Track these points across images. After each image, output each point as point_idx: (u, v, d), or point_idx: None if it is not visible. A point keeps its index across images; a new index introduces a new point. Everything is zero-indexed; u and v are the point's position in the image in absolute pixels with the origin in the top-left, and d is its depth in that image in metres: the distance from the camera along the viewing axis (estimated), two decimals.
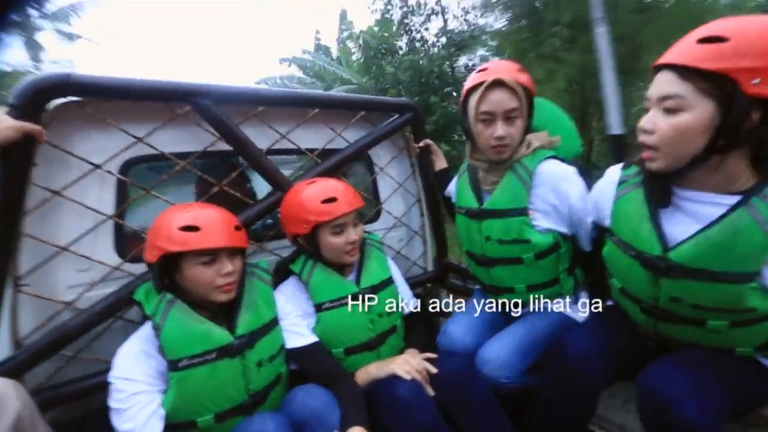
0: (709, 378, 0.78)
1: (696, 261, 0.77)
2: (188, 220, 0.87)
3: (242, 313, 0.95)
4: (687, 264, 0.78)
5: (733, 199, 0.75)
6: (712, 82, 0.69)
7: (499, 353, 1.09)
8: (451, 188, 1.45)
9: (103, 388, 1.02)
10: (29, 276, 0.98)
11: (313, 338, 1.06)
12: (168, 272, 0.91)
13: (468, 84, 1.14)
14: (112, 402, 0.83)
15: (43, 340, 0.95)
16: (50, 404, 0.97)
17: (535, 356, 1.09)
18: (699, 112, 0.71)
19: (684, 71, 0.72)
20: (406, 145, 1.76)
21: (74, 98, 1.01)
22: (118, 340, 0.91)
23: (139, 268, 1.09)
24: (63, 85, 0.92)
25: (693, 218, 0.79)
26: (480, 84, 1.09)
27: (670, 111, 0.74)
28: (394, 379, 1.01)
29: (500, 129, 1.09)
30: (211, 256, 0.89)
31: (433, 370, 0.99)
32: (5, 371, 0.90)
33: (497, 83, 1.07)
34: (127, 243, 1.16)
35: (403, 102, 1.65)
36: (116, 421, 0.82)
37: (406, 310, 1.29)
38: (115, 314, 1.04)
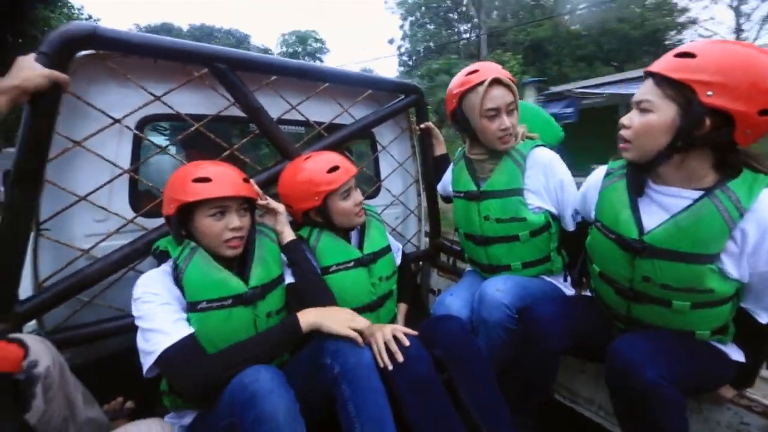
0: (669, 350, 0.90)
1: (666, 242, 0.89)
2: (201, 173, 0.94)
3: (254, 266, 1.01)
4: (658, 245, 0.90)
5: (700, 194, 0.87)
6: (677, 90, 0.83)
7: (501, 286, 1.19)
8: (446, 179, 1.54)
9: (115, 333, 1.09)
10: (49, 222, 1.01)
11: None
12: (183, 224, 0.97)
13: (463, 86, 1.23)
14: (137, 311, 0.87)
15: (63, 283, 1.00)
16: (66, 345, 1.02)
17: (525, 302, 1.17)
18: (664, 114, 0.85)
19: (658, 79, 0.86)
20: (408, 126, 1.82)
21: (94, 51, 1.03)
22: (130, 290, 0.94)
23: (152, 223, 1.14)
24: (90, 37, 0.93)
25: (665, 209, 0.92)
26: (479, 84, 1.20)
27: (643, 111, 0.88)
28: None
29: (506, 121, 1.21)
30: (220, 208, 0.95)
31: (406, 342, 0.97)
32: (26, 310, 0.95)
33: (496, 81, 1.19)
34: (141, 198, 1.20)
35: (410, 84, 1.70)
36: (143, 323, 0.86)
37: (398, 262, 1.38)
38: (129, 264, 1.09)
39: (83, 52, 1.00)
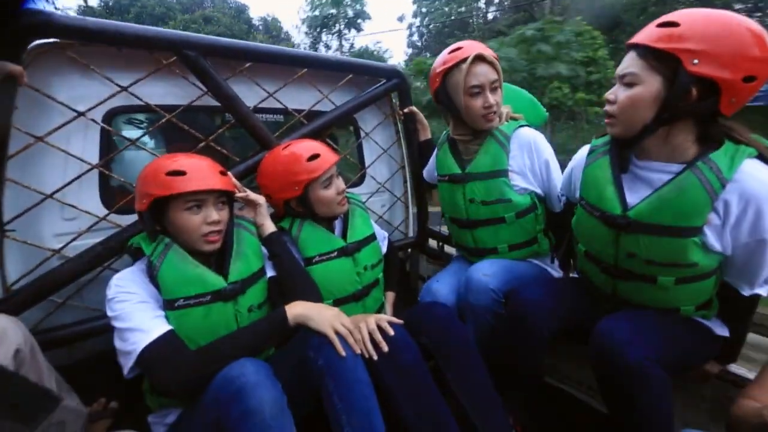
0: (653, 329, 0.90)
1: (650, 216, 0.89)
2: (175, 166, 0.89)
3: (233, 261, 0.98)
4: (642, 219, 0.90)
5: (682, 167, 0.86)
6: (661, 60, 0.81)
7: (488, 271, 1.18)
8: (431, 165, 1.52)
9: (92, 334, 1.06)
10: (14, 222, 0.97)
11: None
12: (158, 219, 0.93)
13: (446, 64, 1.21)
14: (112, 312, 0.84)
15: (32, 285, 0.96)
16: (41, 348, 0.99)
17: (512, 286, 1.17)
18: (649, 86, 0.83)
19: (641, 50, 0.84)
20: (391, 111, 1.78)
21: (54, 40, 0.98)
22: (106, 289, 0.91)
23: (125, 220, 1.10)
24: (45, 25, 0.88)
25: (648, 184, 0.91)
26: (462, 61, 1.17)
27: (627, 85, 0.87)
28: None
29: (490, 98, 1.19)
30: (196, 202, 0.91)
31: (391, 332, 0.96)
32: None
33: (479, 58, 1.17)
34: (113, 194, 1.15)
35: (391, 68, 1.66)
36: (119, 323, 0.83)
37: (383, 250, 1.35)
38: (103, 263, 1.05)
39: (40, 41, 0.94)
